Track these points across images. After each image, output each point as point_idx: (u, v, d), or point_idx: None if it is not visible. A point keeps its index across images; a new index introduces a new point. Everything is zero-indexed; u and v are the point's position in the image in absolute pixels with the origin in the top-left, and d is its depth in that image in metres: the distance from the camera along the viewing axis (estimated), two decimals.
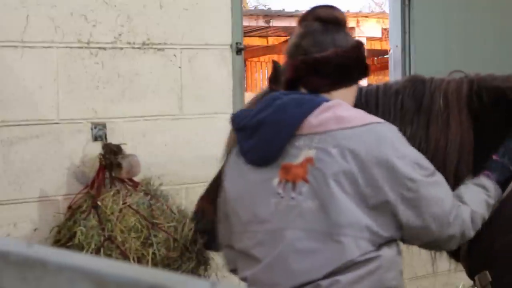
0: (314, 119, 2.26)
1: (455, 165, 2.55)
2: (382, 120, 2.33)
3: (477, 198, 2.42)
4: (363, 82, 2.84)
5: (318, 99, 2.31)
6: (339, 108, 2.28)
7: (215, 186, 2.97)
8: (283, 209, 2.25)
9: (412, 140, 2.51)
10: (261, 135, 2.30)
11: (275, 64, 2.75)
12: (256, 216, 2.29)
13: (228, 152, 2.85)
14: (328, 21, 2.43)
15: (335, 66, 2.38)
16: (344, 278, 2.18)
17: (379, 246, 2.24)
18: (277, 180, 2.27)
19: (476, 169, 2.56)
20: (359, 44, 2.50)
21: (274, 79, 2.76)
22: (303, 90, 2.39)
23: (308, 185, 2.23)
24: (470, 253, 2.55)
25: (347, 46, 2.41)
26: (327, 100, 2.30)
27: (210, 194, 3.00)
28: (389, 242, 2.27)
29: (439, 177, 2.34)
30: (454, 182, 2.55)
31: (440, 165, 2.55)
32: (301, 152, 2.25)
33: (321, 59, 2.37)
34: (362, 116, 2.31)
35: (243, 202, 2.35)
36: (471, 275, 2.61)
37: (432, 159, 2.55)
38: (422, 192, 2.24)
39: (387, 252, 2.25)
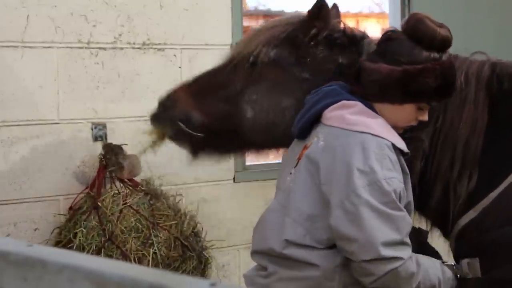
0: (328, 113, 2.41)
1: (463, 144, 2.55)
2: (383, 134, 2.32)
3: (431, 273, 2.36)
4: None
5: (342, 96, 2.42)
6: (350, 110, 2.37)
7: (203, 80, 2.84)
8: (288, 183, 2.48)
9: (429, 118, 2.50)
10: (301, 113, 2.51)
11: (320, 0, 2.69)
12: (279, 185, 2.53)
13: None
14: (408, 34, 2.40)
15: (372, 81, 2.39)
16: (283, 272, 2.35)
17: (319, 250, 2.31)
18: (297, 156, 2.46)
19: (486, 154, 2.56)
20: (422, 70, 2.35)
21: (316, 14, 2.71)
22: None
23: (297, 166, 2.42)
24: (462, 239, 2.56)
25: (398, 66, 2.35)
26: (348, 99, 2.40)
27: (192, 85, 2.83)
28: (331, 250, 2.31)
29: (396, 213, 2.25)
30: (461, 163, 2.56)
31: (451, 144, 2.56)
32: (314, 136, 2.42)
33: (367, 69, 2.41)
34: (364, 124, 2.33)
35: (282, 170, 2.57)
36: (459, 257, 2.62)
37: (445, 138, 2.56)
38: (361, 211, 2.21)
39: (327, 263, 2.31)
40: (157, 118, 2.86)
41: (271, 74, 2.72)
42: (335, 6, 2.89)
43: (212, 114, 2.76)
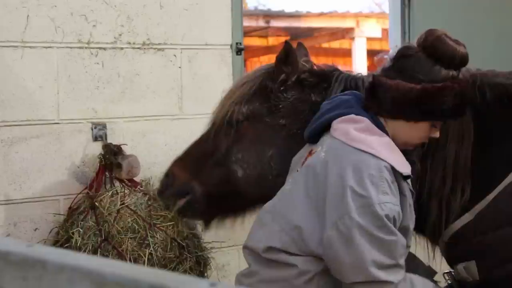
0: (336, 124, 2.39)
1: (453, 160, 2.56)
2: (383, 156, 2.29)
3: None
4: None
5: (352, 110, 2.41)
6: (356, 125, 2.35)
7: (193, 151, 2.89)
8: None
9: None
10: (314, 118, 2.52)
11: (287, 45, 2.71)
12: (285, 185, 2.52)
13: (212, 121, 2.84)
14: (427, 52, 2.36)
15: (389, 98, 2.36)
16: (264, 272, 2.36)
17: (301, 256, 2.31)
18: (303, 160, 2.46)
19: (478, 163, 2.57)
20: (441, 89, 2.32)
21: (284, 59, 2.72)
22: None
23: (298, 172, 2.42)
24: (456, 243, 2.57)
25: (417, 84, 2.32)
26: (358, 114, 2.38)
27: (185, 158, 2.90)
28: (312, 257, 2.31)
29: (388, 237, 2.22)
30: (452, 178, 2.57)
31: (441, 161, 2.57)
32: (320, 145, 2.41)
33: (383, 86, 2.38)
34: (366, 142, 2.30)
35: (290, 172, 2.56)
36: (453, 262, 2.62)
37: (433, 157, 2.56)
38: (353, 234, 2.20)
39: (306, 267, 2.31)
40: (161, 197, 2.97)
41: (248, 129, 2.76)
42: (300, 44, 2.92)
43: (208, 181, 2.80)
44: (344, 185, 2.23)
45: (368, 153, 2.28)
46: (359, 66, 11.00)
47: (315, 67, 2.80)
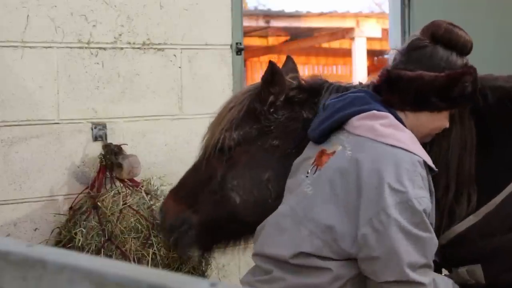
0: (356, 121, 2.33)
1: (456, 164, 2.54)
2: (415, 150, 2.26)
3: None
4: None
5: (372, 106, 2.36)
6: (381, 121, 2.31)
7: (186, 181, 2.79)
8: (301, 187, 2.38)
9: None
10: (321, 117, 2.45)
11: (272, 65, 2.62)
12: (290, 187, 2.44)
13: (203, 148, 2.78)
14: (442, 42, 2.37)
15: (414, 89, 2.35)
16: (291, 279, 2.27)
17: (336, 261, 2.25)
18: (312, 161, 2.38)
19: (480, 169, 2.55)
20: (463, 74, 2.35)
21: (270, 80, 2.63)
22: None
23: (318, 173, 2.33)
24: (458, 245, 2.55)
25: (440, 72, 2.32)
26: (379, 110, 2.34)
27: (178, 190, 2.81)
28: (347, 261, 2.25)
29: (424, 235, 2.19)
30: (456, 185, 2.54)
31: (444, 168, 2.54)
32: (337, 144, 2.35)
33: (405, 78, 2.35)
34: (396, 137, 2.27)
35: (294, 172, 2.48)
36: (453, 265, 2.60)
37: (435, 163, 2.54)
38: (390, 231, 2.15)
39: (341, 271, 2.25)
40: (159, 232, 2.90)
41: (241, 154, 2.67)
42: (289, 58, 2.84)
43: (204, 210, 2.71)
44: (381, 182, 2.17)
45: (400, 147, 2.24)
46: (359, 66, 11.00)
47: (303, 82, 2.71)
